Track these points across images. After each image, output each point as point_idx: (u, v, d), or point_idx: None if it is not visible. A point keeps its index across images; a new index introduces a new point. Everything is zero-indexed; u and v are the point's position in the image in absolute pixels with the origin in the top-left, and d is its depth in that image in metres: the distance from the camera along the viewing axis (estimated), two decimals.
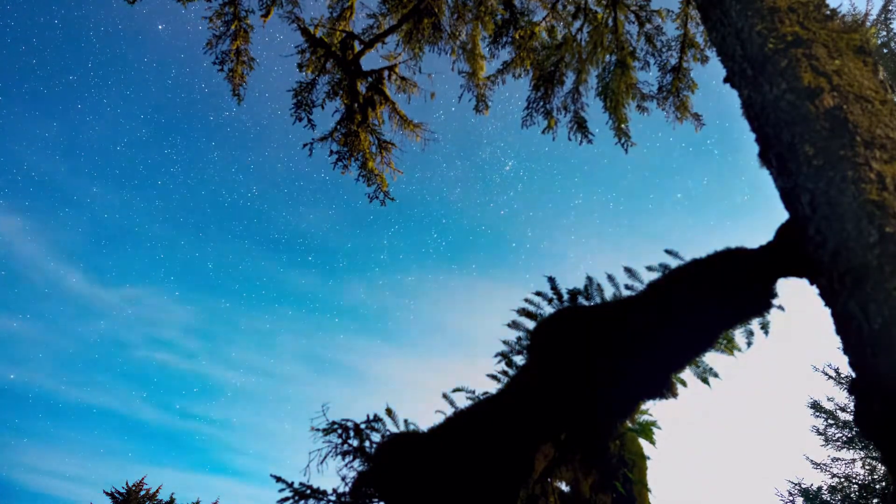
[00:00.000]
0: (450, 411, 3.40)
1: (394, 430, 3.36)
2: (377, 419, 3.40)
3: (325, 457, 3.27)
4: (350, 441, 3.29)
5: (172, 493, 18.77)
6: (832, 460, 13.26)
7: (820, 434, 13.55)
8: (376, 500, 3.08)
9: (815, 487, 13.12)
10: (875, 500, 12.35)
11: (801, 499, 13.22)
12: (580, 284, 3.91)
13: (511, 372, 3.94)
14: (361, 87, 7.32)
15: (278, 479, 3.22)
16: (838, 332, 1.71)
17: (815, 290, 1.92)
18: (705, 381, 3.51)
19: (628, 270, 3.54)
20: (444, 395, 3.89)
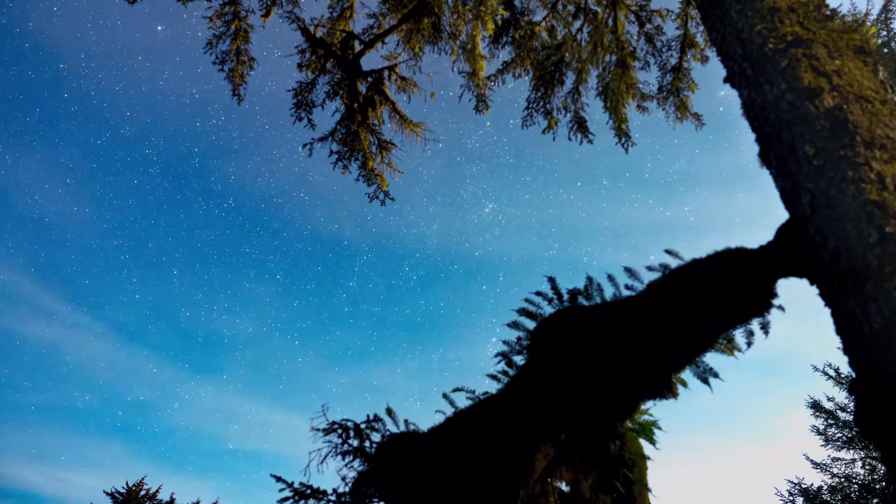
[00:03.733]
0: (450, 411, 3.40)
1: (394, 430, 3.36)
2: (377, 419, 3.40)
3: (326, 457, 3.27)
4: (350, 441, 3.29)
5: (172, 493, 18.78)
6: (832, 460, 13.26)
7: (820, 434, 13.54)
8: (376, 500, 3.08)
9: (815, 487, 13.11)
10: (875, 500, 12.34)
11: (801, 499, 13.22)
12: (579, 285, 3.91)
13: (511, 372, 3.94)
14: (361, 87, 7.32)
15: (278, 479, 3.22)
16: (838, 332, 1.71)
17: (815, 290, 1.92)
18: (705, 381, 3.51)
19: (628, 270, 3.54)
20: (445, 396, 3.90)
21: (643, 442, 3.98)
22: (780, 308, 2.67)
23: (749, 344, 3.19)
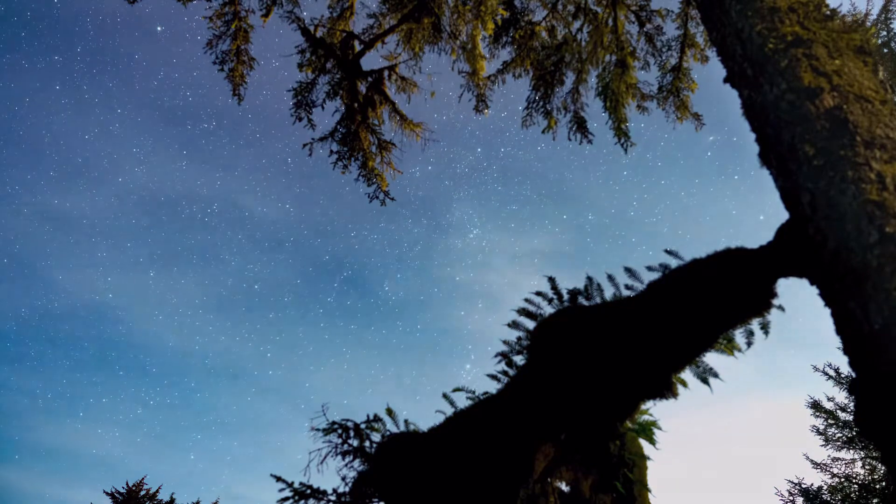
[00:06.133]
0: (450, 411, 3.40)
1: (394, 430, 3.36)
2: (377, 419, 3.40)
3: (325, 457, 3.27)
4: (350, 441, 3.29)
5: (173, 493, 18.77)
6: (832, 460, 13.26)
7: (820, 434, 13.54)
8: (376, 500, 3.08)
9: (815, 487, 13.11)
10: (875, 500, 12.34)
11: (801, 499, 13.21)
12: (579, 286, 3.91)
13: (511, 372, 3.94)
14: (361, 87, 7.32)
15: (278, 479, 3.22)
16: (838, 332, 1.71)
17: (815, 290, 1.92)
18: (705, 381, 3.51)
19: (628, 270, 3.54)
20: (445, 395, 3.90)
21: (643, 442, 3.98)
22: (780, 308, 2.67)
23: (749, 344, 3.19)
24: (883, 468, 12.56)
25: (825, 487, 13.05)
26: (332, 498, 3.15)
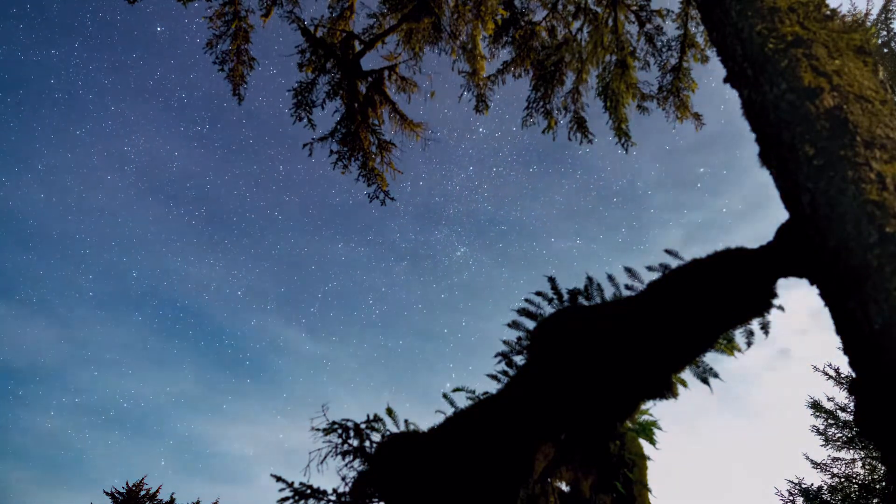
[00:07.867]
0: (450, 411, 3.40)
1: (394, 430, 3.36)
2: (377, 419, 3.40)
3: (326, 457, 3.27)
4: (350, 441, 3.29)
5: (173, 493, 18.76)
6: (832, 460, 13.25)
7: (820, 434, 13.54)
8: (376, 500, 3.08)
9: (815, 487, 13.10)
10: (875, 500, 12.33)
11: (801, 499, 13.20)
12: (577, 287, 3.91)
13: (511, 372, 3.94)
14: (361, 87, 7.31)
15: (278, 479, 3.22)
16: (838, 332, 1.71)
17: (815, 290, 1.93)
18: (705, 381, 3.51)
19: (628, 270, 3.54)
20: (445, 395, 3.90)
21: (643, 442, 3.98)
22: (780, 308, 2.67)
23: (749, 344, 3.19)
24: (883, 468, 12.56)
25: (825, 487, 13.05)
26: (332, 498, 3.15)
